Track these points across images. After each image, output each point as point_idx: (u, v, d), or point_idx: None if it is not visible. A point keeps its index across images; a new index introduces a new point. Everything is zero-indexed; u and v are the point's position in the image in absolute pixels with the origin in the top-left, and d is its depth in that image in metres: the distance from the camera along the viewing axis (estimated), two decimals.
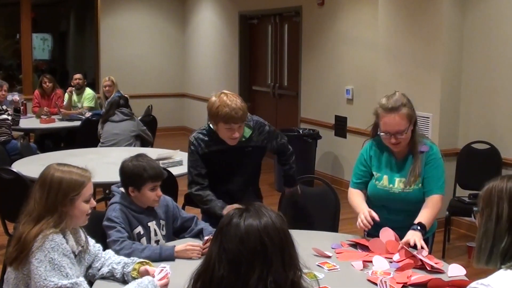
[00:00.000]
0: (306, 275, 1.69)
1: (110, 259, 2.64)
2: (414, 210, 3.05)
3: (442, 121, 5.62)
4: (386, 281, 2.50)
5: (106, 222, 2.90)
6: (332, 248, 2.96)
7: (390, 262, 2.75)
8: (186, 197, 5.02)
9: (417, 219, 2.96)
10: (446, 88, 5.63)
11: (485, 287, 1.74)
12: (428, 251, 2.84)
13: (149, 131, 6.51)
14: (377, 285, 2.51)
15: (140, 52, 11.15)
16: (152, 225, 3.03)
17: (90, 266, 2.62)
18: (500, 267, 1.80)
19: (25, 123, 7.43)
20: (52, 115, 7.64)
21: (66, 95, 8.17)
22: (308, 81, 8.10)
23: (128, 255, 2.71)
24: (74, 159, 4.60)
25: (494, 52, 5.36)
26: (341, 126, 7.43)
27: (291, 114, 8.52)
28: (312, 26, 7.91)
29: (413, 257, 2.73)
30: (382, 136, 3.05)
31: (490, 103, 5.44)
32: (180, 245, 2.87)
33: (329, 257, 2.85)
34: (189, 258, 2.82)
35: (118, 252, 2.74)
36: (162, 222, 3.09)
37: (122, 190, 3.05)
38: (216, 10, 10.52)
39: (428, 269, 2.67)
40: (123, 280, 2.56)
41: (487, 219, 1.85)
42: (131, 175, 2.98)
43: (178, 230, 3.19)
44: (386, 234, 2.93)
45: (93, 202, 2.55)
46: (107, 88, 7.70)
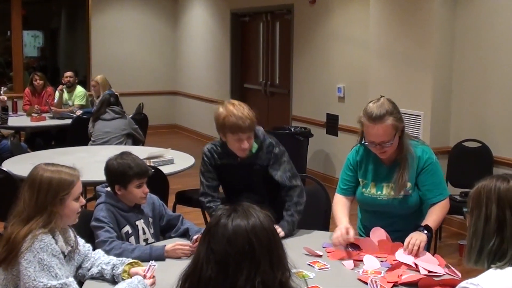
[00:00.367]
0: (296, 274, 1.69)
1: (100, 259, 2.63)
2: (406, 214, 3.02)
3: (433, 119, 5.62)
4: (376, 280, 2.50)
5: (94, 223, 2.89)
6: (323, 247, 2.96)
7: (381, 261, 2.75)
8: (178, 195, 5.02)
9: (424, 221, 2.90)
10: (438, 86, 5.63)
11: (474, 286, 1.75)
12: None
13: (140, 130, 6.50)
14: (367, 284, 2.50)
15: (131, 49, 11.11)
16: (140, 223, 3.02)
17: (80, 266, 2.61)
18: (489, 267, 1.81)
19: (15, 121, 7.39)
20: (42, 113, 7.58)
21: (57, 93, 8.11)
22: (299, 79, 8.10)
23: (118, 256, 2.69)
24: (65, 158, 4.58)
25: (485, 50, 5.37)
26: (332, 124, 7.44)
27: (283, 112, 8.52)
28: (303, 24, 7.90)
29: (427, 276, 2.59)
30: (367, 145, 2.99)
31: (481, 102, 5.44)
32: (169, 244, 2.86)
33: (320, 256, 2.85)
34: (179, 258, 2.81)
35: (108, 252, 2.73)
36: (150, 219, 3.08)
37: (108, 189, 3.04)
38: (207, 7, 10.50)
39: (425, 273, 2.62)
40: (113, 280, 2.55)
41: (476, 220, 1.86)
42: (117, 174, 2.97)
43: (164, 229, 3.17)
44: (378, 233, 2.93)
45: (82, 200, 2.55)
46: (92, 88, 7.71)
